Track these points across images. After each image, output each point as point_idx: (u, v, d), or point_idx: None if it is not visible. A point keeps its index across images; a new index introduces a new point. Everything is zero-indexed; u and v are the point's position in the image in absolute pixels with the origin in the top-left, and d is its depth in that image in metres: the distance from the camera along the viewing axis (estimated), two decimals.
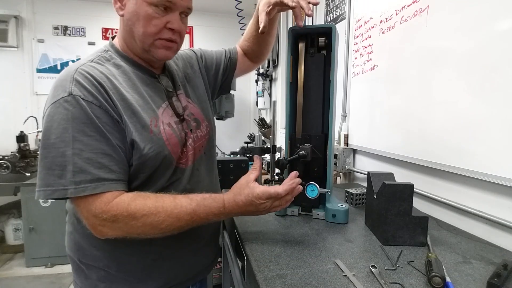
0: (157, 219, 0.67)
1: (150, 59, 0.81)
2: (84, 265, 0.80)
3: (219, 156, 1.97)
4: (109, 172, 0.68)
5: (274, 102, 1.25)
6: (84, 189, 0.65)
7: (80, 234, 0.80)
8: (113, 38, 0.84)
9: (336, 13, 1.93)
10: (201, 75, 1.00)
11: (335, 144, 1.75)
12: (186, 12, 0.78)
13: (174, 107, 0.84)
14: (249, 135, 2.34)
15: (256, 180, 0.77)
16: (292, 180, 0.77)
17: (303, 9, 0.80)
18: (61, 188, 0.65)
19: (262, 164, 0.82)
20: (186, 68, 0.97)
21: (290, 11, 0.85)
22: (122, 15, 0.77)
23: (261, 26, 0.85)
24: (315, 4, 0.82)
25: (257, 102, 3.58)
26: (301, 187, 0.78)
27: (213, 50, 1.08)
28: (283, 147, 1.16)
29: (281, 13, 0.92)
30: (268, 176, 0.97)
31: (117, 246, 0.76)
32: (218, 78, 1.06)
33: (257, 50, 1.07)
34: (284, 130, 1.07)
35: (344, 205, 0.99)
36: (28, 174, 2.79)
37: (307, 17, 0.86)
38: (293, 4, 0.80)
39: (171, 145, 0.78)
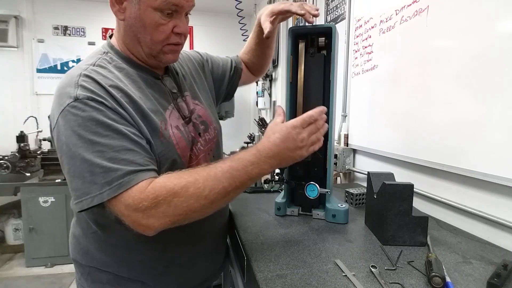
0: (198, 186, 0.62)
1: (155, 63, 0.79)
2: (92, 269, 0.79)
3: None
4: (137, 166, 0.64)
5: (274, 102, 1.24)
6: (119, 186, 0.61)
7: (89, 239, 0.78)
8: (110, 37, 0.80)
9: (336, 13, 1.93)
10: (207, 78, 1.00)
11: (335, 144, 1.75)
12: (190, 10, 0.76)
13: (180, 109, 0.81)
14: (249, 135, 2.34)
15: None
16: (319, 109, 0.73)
17: (309, 12, 0.85)
18: (97, 193, 0.61)
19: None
20: (193, 70, 0.95)
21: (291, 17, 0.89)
22: (122, 19, 0.72)
23: (266, 31, 0.88)
24: (316, 15, 0.87)
25: (257, 102, 3.57)
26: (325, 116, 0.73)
27: (218, 56, 1.08)
28: None
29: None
30: (268, 176, 0.97)
31: (129, 252, 0.75)
32: (223, 86, 1.06)
33: (257, 63, 1.11)
34: None
35: (344, 205, 0.99)
36: (28, 174, 2.79)
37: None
38: (302, 11, 0.85)
39: (180, 148, 0.76)
